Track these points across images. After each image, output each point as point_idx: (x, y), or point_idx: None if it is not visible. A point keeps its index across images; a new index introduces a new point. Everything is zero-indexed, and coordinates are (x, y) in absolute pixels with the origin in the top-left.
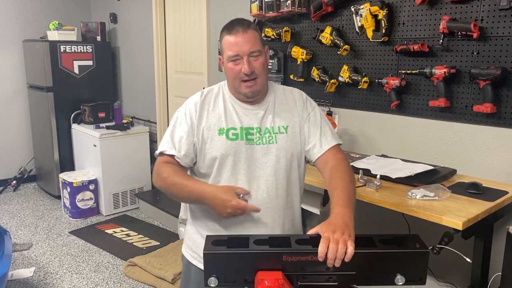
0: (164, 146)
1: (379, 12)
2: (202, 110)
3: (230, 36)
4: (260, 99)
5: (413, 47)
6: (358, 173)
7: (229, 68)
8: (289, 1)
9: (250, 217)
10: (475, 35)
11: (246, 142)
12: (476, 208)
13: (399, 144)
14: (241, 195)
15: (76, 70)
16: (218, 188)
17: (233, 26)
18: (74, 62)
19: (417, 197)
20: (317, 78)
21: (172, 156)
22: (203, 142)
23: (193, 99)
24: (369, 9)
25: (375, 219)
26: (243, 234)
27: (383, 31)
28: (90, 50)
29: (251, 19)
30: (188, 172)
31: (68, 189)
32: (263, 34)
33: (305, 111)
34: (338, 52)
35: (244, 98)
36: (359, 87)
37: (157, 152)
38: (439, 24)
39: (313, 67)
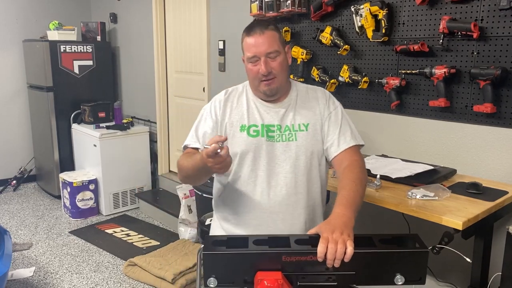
0: (188, 140)
1: (379, 12)
2: (225, 107)
3: (248, 38)
4: (282, 97)
5: (413, 47)
6: None
7: (249, 69)
8: (289, 1)
9: (270, 213)
10: (475, 35)
11: (266, 139)
12: (476, 208)
13: (399, 144)
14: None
15: (76, 70)
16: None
17: (252, 27)
18: (74, 62)
19: (417, 197)
20: (317, 78)
21: (196, 149)
22: (230, 137)
23: (218, 96)
24: (369, 9)
25: (375, 219)
26: (264, 229)
27: (383, 31)
28: (90, 50)
29: (251, 19)
30: None
31: (68, 189)
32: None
33: (327, 109)
34: (338, 52)
35: (264, 97)
36: (359, 87)
37: (182, 146)
38: (439, 24)
39: (313, 67)
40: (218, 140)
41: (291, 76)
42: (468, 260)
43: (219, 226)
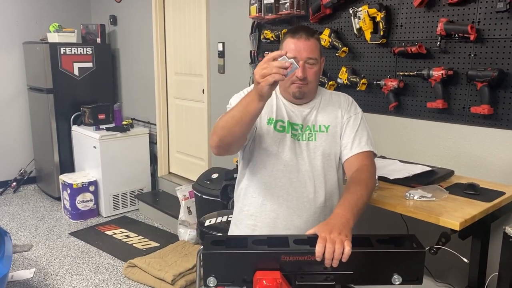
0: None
1: (377, 14)
2: None
3: (293, 39)
4: (307, 102)
5: (411, 49)
6: None
7: None
8: (288, 4)
9: (286, 208)
10: (472, 37)
11: (291, 136)
12: (473, 208)
13: (397, 145)
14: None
15: (76, 72)
16: None
17: (298, 31)
18: (74, 64)
19: (415, 198)
20: None
21: None
22: (258, 126)
23: (247, 88)
24: (367, 11)
25: (374, 219)
26: (280, 223)
27: (381, 33)
28: (90, 52)
29: (250, 21)
30: (239, 154)
31: (68, 191)
32: (262, 36)
33: (347, 114)
34: (337, 54)
35: (292, 99)
36: (357, 89)
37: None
38: (437, 26)
39: None
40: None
41: None
42: (466, 260)
43: (236, 229)
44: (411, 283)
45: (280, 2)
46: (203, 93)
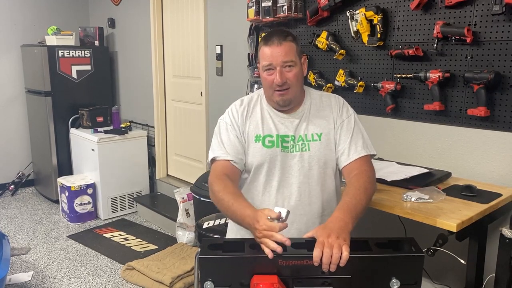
0: (216, 152)
1: (374, 17)
2: (242, 116)
3: (265, 47)
4: (295, 107)
5: (408, 52)
6: None
7: (264, 78)
8: (285, 6)
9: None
10: (468, 40)
11: (281, 149)
12: (470, 210)
13: (395, 147)
14: (269, 217)
15: (74, 75)
16: (257, 212)
17: (270, 37)
18: (72, 66)
19: (412, 199)
20: (313, 82)
21: (228, 161)
22: (246, 147)
23: (235, 106)
24: (364, 14)
25: (371, 221)
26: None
27: (378, 35)
28: (88, 54)
29: (248, 24)
30: None
31: (66, 193)
32: (260, 39)
33: (340, 118)
34: (334, 57)
35: (278, 107)
36: (355, 91)
37: (209, 159)
38: (433, 29)
39: (310, 72)
40: (276, 216)
41: None
42: (463, 261)
43: (234, 230)
44: (410, 287)
45: (278, 5)
46: (201, 95)
